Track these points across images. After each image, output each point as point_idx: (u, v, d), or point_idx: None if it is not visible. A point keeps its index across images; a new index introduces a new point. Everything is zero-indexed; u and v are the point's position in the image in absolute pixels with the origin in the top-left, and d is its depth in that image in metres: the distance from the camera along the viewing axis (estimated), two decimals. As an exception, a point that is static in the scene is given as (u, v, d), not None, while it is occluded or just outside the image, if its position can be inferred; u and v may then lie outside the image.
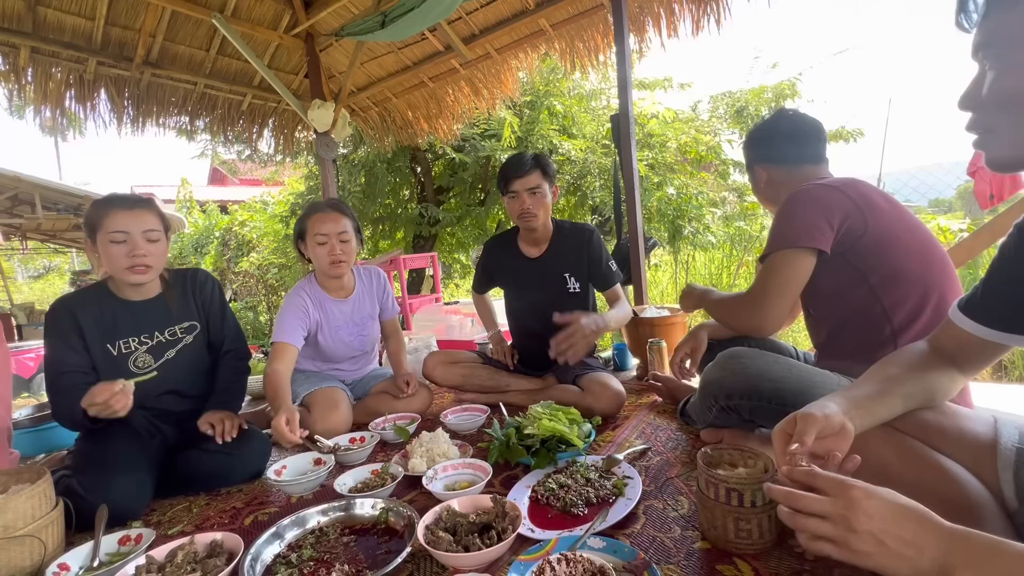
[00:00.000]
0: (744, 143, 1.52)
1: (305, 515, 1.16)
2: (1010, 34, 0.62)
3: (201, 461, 1.50)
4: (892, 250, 1.16)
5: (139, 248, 1.45)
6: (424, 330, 3.35)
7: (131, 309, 1.54)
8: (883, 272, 1.16)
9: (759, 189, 1.50)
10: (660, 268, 6.10)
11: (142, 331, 1.55)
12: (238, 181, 15.85)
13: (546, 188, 1.91)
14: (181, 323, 1.61)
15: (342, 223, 1.87)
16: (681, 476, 1.30)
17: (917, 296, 1.14)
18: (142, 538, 1.16)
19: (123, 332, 1.52)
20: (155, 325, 1.57)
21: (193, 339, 1.62)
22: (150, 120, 3.52)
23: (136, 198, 1.51)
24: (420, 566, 1.03)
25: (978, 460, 0.74)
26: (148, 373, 1.51)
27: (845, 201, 1.17)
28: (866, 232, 1.15)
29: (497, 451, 1.45)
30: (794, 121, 1.40)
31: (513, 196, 1.91)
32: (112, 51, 3.12)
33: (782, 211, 1.23)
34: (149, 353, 1.55)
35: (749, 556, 0.95)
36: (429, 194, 6.62)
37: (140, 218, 1.46)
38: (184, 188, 11.12)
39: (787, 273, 1.19)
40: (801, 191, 1.23)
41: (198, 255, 9.25)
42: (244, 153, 6.68)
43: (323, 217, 1.86)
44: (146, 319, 1.56)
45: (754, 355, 1.25)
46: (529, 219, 1.92)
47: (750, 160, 1.49)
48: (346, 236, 1.87)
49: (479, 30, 3.30)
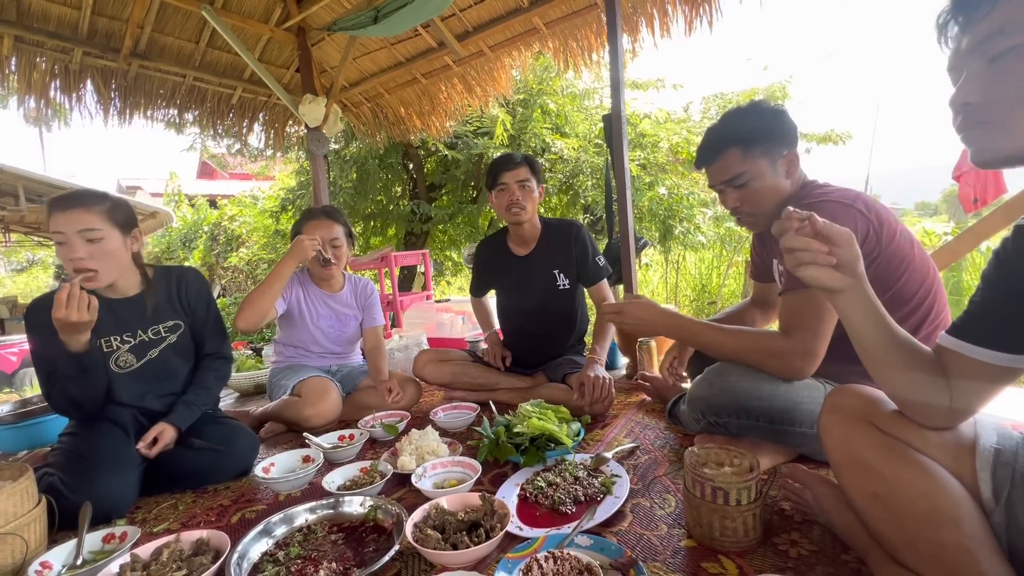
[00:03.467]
0: (756, 130, 1.26)
1: (293, 513, 1.16)
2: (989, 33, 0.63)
3: (187, 458, 1.49)
4: (899, 272, 1.14)
5: (75, 251, 1.33)
6: (415, 328, 3.34)
7: (112, 307, 1.50)
8: (890, 295, 1.13)
9: (776, 185, 1.26)
10: (651, 268, 6.13)
11: (124, 330, 1.51)
12: (227, 175, 15.66)
13: (534, 184, 1.95)
14: (165, 322, 1.57)
15: (335, 230, 2.01)
16: (668, 474, 1.31)
17: (917, 316, 1.14)
18: (127, 536, 1.15)
19: (104, 330, 1.48)
20: (138, 323, 1.53)
21: (178, 338, 1.59)
22: (138, 112, 3.46)
23: (75, 195, 1.38)
24: (408, 564, 1.03)
25: (957, 460, 0.76)
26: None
27: (864, 223, 1.11)
28: (880, 255, 1.12)
29: (486, 449, 1.45)
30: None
31: (502, 188, 1.93)
32: (99, 41, 3.06)
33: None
34: (131, 352, 1.52)
35: (734, 554, 0.96)
36: (421, 191, 6.59)
37: (73, 218, 1.33)
38: (172, 182, 10.97)
39: (829, 310, 1.08)
40: (830, 203, 1.13)
41: (186, 250, 9.13)
42: (234, 147, 6.60)
43: (317, 224, 2.00)
44: (128, 317, 1.52)
45: (742, 371, 1.24)
46: (517, 212, 1.93)
47: (774, 148, 1.25)
48: (338, 242, 2.02)
49: (472, 27, 3.28)
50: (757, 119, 1.27)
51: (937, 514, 0.72)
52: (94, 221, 1.36)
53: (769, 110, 1.29)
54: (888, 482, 0.78)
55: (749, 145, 1.25)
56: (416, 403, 2.09)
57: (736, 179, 1.28)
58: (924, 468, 0.75)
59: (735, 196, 1.30)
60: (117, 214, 1.43)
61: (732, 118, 1.31)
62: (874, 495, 0.80)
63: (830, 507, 0.98)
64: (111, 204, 1.42)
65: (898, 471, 0.77)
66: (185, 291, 1.62)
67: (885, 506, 0.79)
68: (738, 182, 1.28)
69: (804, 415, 1.21)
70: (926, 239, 4.55)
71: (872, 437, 0.81)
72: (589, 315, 2.23)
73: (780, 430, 1.24)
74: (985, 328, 0.74)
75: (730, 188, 1.30)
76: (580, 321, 2.15)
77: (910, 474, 0.76)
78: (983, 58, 0.65)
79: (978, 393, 0.76)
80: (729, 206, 1.34)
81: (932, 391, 0.77)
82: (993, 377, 0.74)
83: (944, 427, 0.79)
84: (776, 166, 1.26)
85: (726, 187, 1.31)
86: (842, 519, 0.95)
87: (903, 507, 0.76)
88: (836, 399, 0.89)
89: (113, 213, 1.42)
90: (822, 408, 0.90)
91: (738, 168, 1.27)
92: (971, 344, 0.74)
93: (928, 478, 0.74)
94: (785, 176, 1.27)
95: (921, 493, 0.74)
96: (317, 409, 1.85)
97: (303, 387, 1.91)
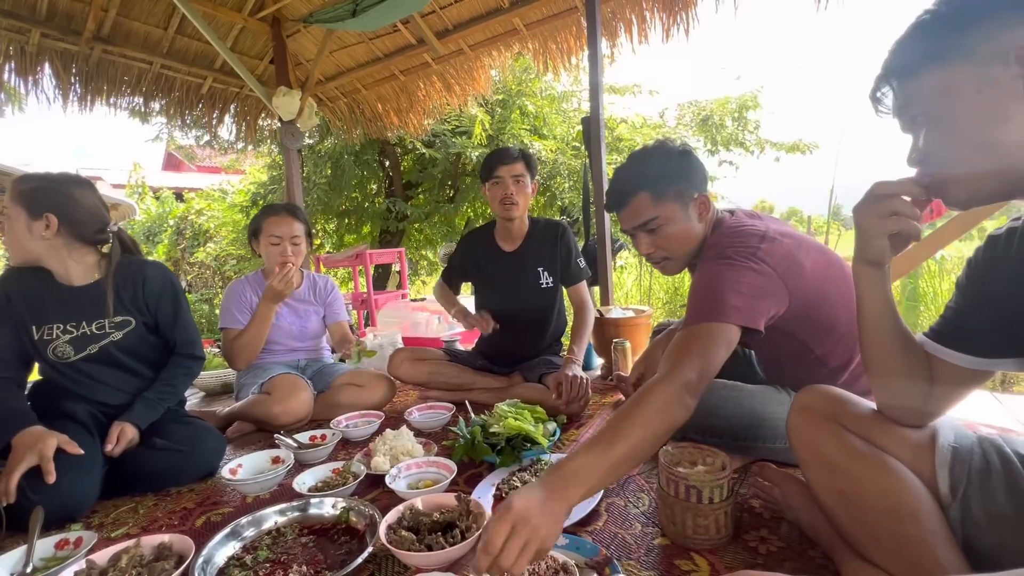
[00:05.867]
0: (666, 174, 1.23)
1: (262, 515, 1.13)
2: (927, 92, 0.68)
3: (149, 459, 1.42)
4: (819, 310, 1.13)
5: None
6: (389, 327, 3.29)
7: (62, 294, 1.44)
8: (811, 330, 1.15)
9: (689, 229, 1.23)
10: (625, 270, 6.21)
11: (69, 319, 1.44)
12: (195, 168, 15.16)
13: (528, 179, 1.96)
14: (114, 317, 1.48)
15: (295, 227, 1.99)
16: (642, 474, 1.33)
17: (849, 342, 1.16)
18: (82, 541, 1.10)
19: (50, 317, 1.42)
20: (85, 315, 1.45)
21: (124, 336, 1.49)
22: (100, 99, 3.30)
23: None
24: (382, 566, 1.01)
25: (917, 457, 0.79)
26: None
27: (768, 272, 1.07)
28: (790, 307, 1.10)
29: (462, 449, 1.44)
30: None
31: (497, 182, 1.93)
32: (59, 23, 2.91)
33: (713, 277, 1.08)
34: (70, 344, 1.44)
35: (706, 551, 0.98)
36: (397, 189, 6.52)
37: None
38: (136, 172, 10.51)
39: (720, 342, 1.00)
40: (725, 261, 1.09)
41: (150, 244, 8.78)
42: (203, 139, 6.39)
43: (278, 220, 1.97)
44: (78, 306, 1.45)
45: (706, 389, 1.17)
46: (510, 206, 1.94)
47: (685, 192, 1.22)
48: (297, 240, 1.99)
49: (452, 25, 3.26)
50: (664, 162, 1.24)
51: (899, 510, 0.75)
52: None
53: (676, 152, 1.26)
54: (853, 480, 0.80)
55: (660, 189, 1.21)
56: (389, 401, 2.07)
57: (648, 224, 1.23)
58: (887, 467, 0.78)
59: (648, 241, 1.26)
60: (28, 195, 1.38)
61: (640, 161, 1.27)
62: (840, 492, 0.83)
63: (798, 504, 1.01)
64: (21, 187, 1.38)
65: (863, 469, 0.80)
66: (144, 287, 1.52)
67: (850, 503, 0.81)
68: (650, 227, 1.23)
69: (769, 431, 1.24)
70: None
71: (839, 437, 0.84)
72: (567, 317, 2.24)
73: (744, 446, 1.27)
74: (960, 333, 0.76)
75: (643, 233, 1.26)
76: (558, 321, 2.16)
77: (874, 472, 0.79)
78: (909, 123, 0.72)
79: (948, 396, 0.79)
80: (643, 252, 1.29)
81: (918, 387, 0.79)
82: (965, 380, 0.77)
83: (916, 425, 0.82)
84: (688, 210, 1.22)
85: (638, 232, 1.26)
86: (809, 516, 0.97)
87: (867, 504, 0.79)
88: (805, 399, 0.91)
89: (24, 195, 1.37)
90: (791, 407, 0.93)
91: (649, 213, 1.22)
92: (947, 348, 0.77)
93: (891, 476, 0.77)
94: (698, 220, 1.24)
95: (884, 490, 0.77)
96: (286, 406, 1.81)
97: (272, 384, 1.87)
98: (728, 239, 1.14)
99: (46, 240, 1.39)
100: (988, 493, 0.73)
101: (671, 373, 0.94)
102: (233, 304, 1.99)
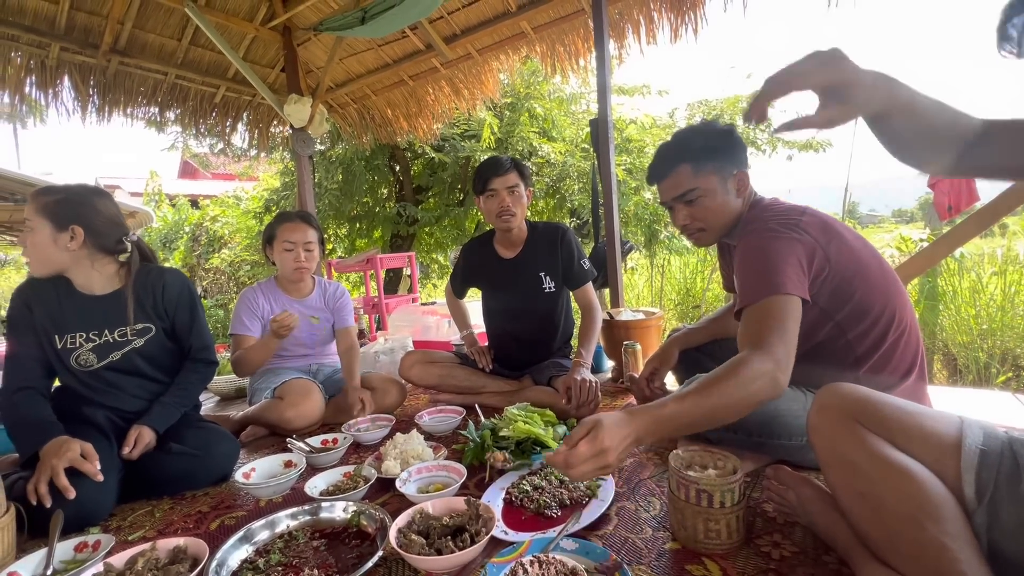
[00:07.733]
0: (707, 148, 1.27)
1: (274, 519, 1.14)
2: None
3: (165, 464, 1.45)
4: (857, 286, 1.14)
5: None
6: (400, 330, 3.31)
7: (84, 303, 1.47)
8: (847, 310, 1.15)
9: (726, 203, 1.27)
10: (636, 271, 6.18)
11: (91, 327, 1.47)
12: (210, 175, 15.39)
13: (522, 189, 1.95)
14: (135, 324, 1.52)
15: (309, 234, 2.04)
16: (653, 477, 1.32)
17: (880, 327, 1.16)
18: (100, 544, 1.12)
19: (72, 326, 1.45)
20: (107, 323, 1.49)
21: (145, 343, 1.53)
22: (117, 110, 3.39)
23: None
24: (392, 570, 1.01)
25: (941, 460, 0.76)
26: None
27: (808, 246, 1.10)
28: (830, 270, 1.11)
29: (472, 453, 1.45)
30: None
31: (492, 194, 1.92)
32: (77, 37, 2.99)
33: (764, 250, 1.10)
34: (93, 352, 1.47)
35: (718, 556, 0.97)
36: (408, 193, 6.55)
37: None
38: (153, 181, 10.75)
39: (792, 317, 1.02)
40: (771, 233, 1.12)
41: (167, 251, 8.95)
42: (217, 147, 6.49)
43: (292, 227, 2.02)
44: (99, 315, 1.48)
45: None
46: (508, 218, 1.93)
47: (725, 167, 1.26)
48: (310, 246, 2.04)
49: (460, 30, 3.28)
50: (708, 137, 1.28)
51: (920, 514, 0.73)
52: (28, 212, 1.37)
53: (718, 128, 1.30)
54: (874, 482, 0.79)
55: (700, 162, 1.25)
56: (400, 405, 2.08)
57: (687, 195, 1.27)
58: (909, 469, 0.76)
59: (686, 212, 1.30)
60: (53, 208, 1.40)
61: (684, 135, 1.32)
62: (860, 494, 0.81)
63: (813, 508, 0.99)
64: (45, 199, 1.40)
65: (883, 471, 0.78)
66: (163, 294, 1.56)
67: (870, 505, 0.80)
68: (689, 198, 1.27)
69: (782, 427, 1.22)
70: (903, 245, 4.66)
71: (859, 437, 0.82)
72: (575, 318, 2.24)
73: (759, 443, 1.26)
74: None
75: (681, 204, 1.30)
76: (565, 324, 2.15)
77: (895, 475, 0.77)
78: None
79: None
80: (679, 223, 1.33)
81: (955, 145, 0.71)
82: None
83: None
84: (727, 184, 1.26)
85: (677, 203, 1.31)
86: (825, 519, 0.96)
87: (887, 506, 0.77)
88: (826, 398, 0.89)
89: (48, 207, 1.40)
90: (812, 406, 0.91)
91: (689, 184, 1.26)
92: None
93: (913, 479, 0.75)
94: (736, 195, 1.27)
95: (905, 494, 0.75)
96: (299, 410, 1.82)
97: (285, 389, 1.89)
98: (771, 213, 1.19)
99: (72, 252, 1.42)
100: (1019, 498, 0.70)
101: (761, 348, 0.97)
102: (244, 311, 2.02)
